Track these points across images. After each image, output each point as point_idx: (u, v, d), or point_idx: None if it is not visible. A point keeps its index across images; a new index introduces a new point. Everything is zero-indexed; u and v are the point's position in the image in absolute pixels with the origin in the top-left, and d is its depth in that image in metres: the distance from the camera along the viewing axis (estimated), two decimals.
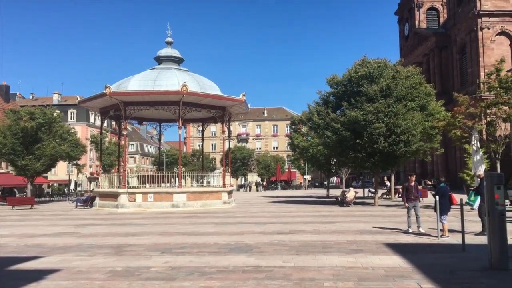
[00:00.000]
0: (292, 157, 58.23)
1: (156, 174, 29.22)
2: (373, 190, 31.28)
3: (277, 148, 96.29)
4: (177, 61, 29.77)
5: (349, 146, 24.82)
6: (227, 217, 19.43)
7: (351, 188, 27.93)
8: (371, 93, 23.88)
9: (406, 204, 13.37)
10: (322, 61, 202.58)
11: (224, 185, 28.00)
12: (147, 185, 26.99)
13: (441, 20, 67.19)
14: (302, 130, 43.83)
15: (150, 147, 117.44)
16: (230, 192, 28.83)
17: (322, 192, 51.15)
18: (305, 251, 10.00)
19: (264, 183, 75.32)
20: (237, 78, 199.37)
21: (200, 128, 37.35)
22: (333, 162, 38.84)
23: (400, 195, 32.31)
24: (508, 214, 18.42)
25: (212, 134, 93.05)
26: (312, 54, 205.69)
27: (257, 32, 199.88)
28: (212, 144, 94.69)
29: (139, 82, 26.46)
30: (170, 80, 26.18)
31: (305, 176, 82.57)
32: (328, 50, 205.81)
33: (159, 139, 45.70)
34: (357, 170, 42.71)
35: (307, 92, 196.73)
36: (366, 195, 38.41)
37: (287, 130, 77.56)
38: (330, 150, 28.60)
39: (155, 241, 12.03)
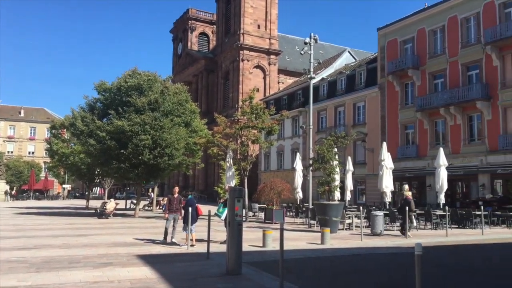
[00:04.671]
0: (51, 164, 52.83)
1: None
2: (135, 201, 31.15)
3: (33, 153, 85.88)
4: None
5: (114, 156, 24.27)
6: None
7: (112, 200, 27.29)
8: (139, 104, 24.05)
9: (166, 215, 13.79)
10: (92, 67, 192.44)
11: None
12: None
13: (211, 46, 73.39)
14: (64, 135, 40.50)
15: None
16: None
17: (82, 203, 47.99)
18: (47, 267, 9.13)
19: (14, 192, 66.04)
20: None
21: None
22: (97, 172, 37.09)
23: (161, 207, 33.34)
24: (250, 224, 21.21)
25: None
26: (82, 59, 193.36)
27: (24, 26, 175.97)
28: None
29: None
30: None
31: (64, 186, 76.17)
32: (101, 57, 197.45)
33: None
34: (121, 180, 41.91)
35: (75, 96, 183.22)
36: (128, 206, 37.95)
37: (48, 134, 70.25)
38: (93, 159, 27.34)
39: None
